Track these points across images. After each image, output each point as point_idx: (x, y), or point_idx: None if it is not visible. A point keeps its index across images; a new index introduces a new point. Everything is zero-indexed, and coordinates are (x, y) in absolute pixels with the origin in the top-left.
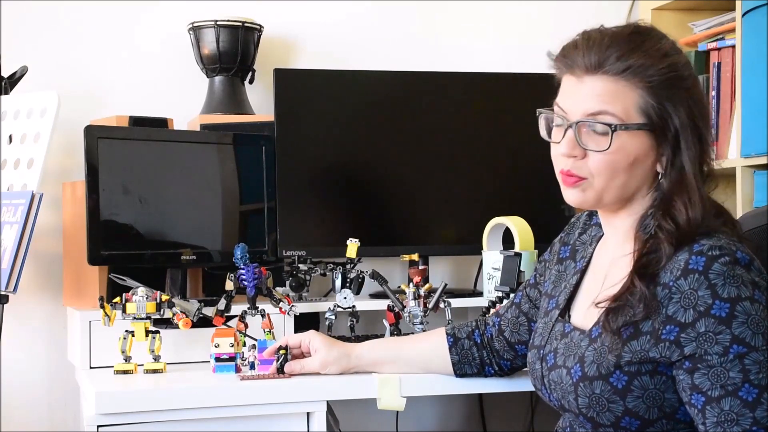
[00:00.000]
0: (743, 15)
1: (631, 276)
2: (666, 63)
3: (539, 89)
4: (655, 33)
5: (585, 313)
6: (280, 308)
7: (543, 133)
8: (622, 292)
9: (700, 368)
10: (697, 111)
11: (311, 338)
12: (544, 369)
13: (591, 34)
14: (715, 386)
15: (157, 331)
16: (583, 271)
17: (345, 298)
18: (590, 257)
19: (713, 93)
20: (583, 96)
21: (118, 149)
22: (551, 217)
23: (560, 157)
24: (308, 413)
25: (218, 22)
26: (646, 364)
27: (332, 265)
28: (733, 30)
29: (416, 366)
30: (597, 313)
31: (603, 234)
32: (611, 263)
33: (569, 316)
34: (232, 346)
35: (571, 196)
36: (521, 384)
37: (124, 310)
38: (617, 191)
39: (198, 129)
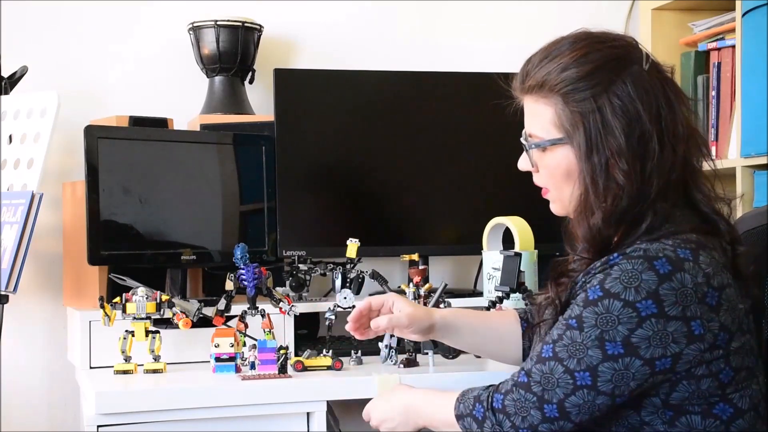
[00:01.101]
0: (743, 15)
1: (549, 281)
2: (563, 76)
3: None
4: (576, 42)
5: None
6: (280, 308)
7: None
8: (545, 294)
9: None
10: (603, 121)
11: (394, 300)
12: None
13: (531, 55)
14: (546, 334)
15: (157, 331)
16: None
17: (345, 298)
18: None
19: (713, 93)
20: (525, 116)
21: (118, 149)
22: (551, 217)
23: None
24: (308, 413)
25: (218, 22)
26: None
27: (332, 265)
28: (733, 30)
29: (491, 343)
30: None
31: None
32: None
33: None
34: (232, 346)
35: (550, 207)
36: None
37: (124, 310)
38: (573, 201)
39: (198, 129)
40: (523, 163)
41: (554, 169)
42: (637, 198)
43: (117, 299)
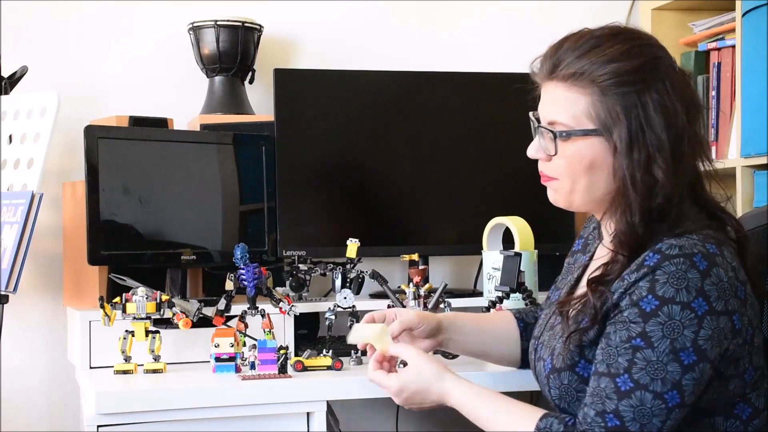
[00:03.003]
0: (743, 15)
1: (587, 286)
2: (609, 69)
3: (539, 89)
4: (618, 34)
5: None
6: (280, 308)
7: (533, 134)
8: (578, 299)
9: (603, 342)
10: (646, 116)
11: (396, 311)
12: (535, 359)
13: (560, 40)
14: (603, 363)
15: (157, 331)
16: (585, 267)
17: (345, 298)
18: (593, 253)
19: (713, 93)
20: (544, 102)
21: (118, 149)
22: (551, 217)
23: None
24: (308, 413)
25: (218, 22)
26: None
27: (332, 265)
28: (733, 30)
29: (493, 345)
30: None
31: None
32: (595, 262)
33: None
34: (232, 346)
35: (548, 194)
36: (521, 384)
37: (124, 310)
38: (584, 194)
39: (198, 129)
40: (535, 150)
41: (577, 160)
42: (670, 195)
43: (117, 299)
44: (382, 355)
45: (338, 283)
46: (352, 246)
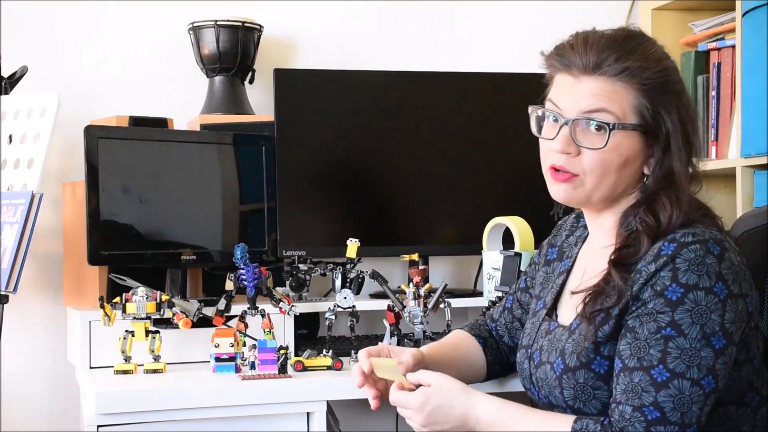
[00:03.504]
0: (743, 15)
1: (609, 266)
2: (661, 67)
3: (539, 89)
4: (648, 37)
5: (569, 311)
6: (280, 308)
7: (533, 129)
8: (599, 281)
9: (628, 336)
10: (686, 115)
11: (390, 348)
12: (532, 367)
13: (588, 36)
14: (633, 357)
15: (157, 331)
16: (568, 271)
17: (345, 298)
18: (575, 257)
19: (713, 93)
20: (580, 95)
21: (118, 149)
22: (551, 217)
23: (552, 153)
24: (308, 413)
25: (218, 22)
26: None
27: (332, 265)
28: (733, 30)
29: (465, 370)
30: (577, 307)
31: (588, 234)
32: (592, 256)
33: (556, 316)
34: (232, 346)
35: (559, 192)
36: (519, 384)
37: (124, 310)
38: (606, 190)
39: (198, 129)
40: (567, 144)
41: (615, 154)
42: (689, 194)
43: (117, 299)
44: (401, 384)
45: (338, 283)
46: (352, 246)
